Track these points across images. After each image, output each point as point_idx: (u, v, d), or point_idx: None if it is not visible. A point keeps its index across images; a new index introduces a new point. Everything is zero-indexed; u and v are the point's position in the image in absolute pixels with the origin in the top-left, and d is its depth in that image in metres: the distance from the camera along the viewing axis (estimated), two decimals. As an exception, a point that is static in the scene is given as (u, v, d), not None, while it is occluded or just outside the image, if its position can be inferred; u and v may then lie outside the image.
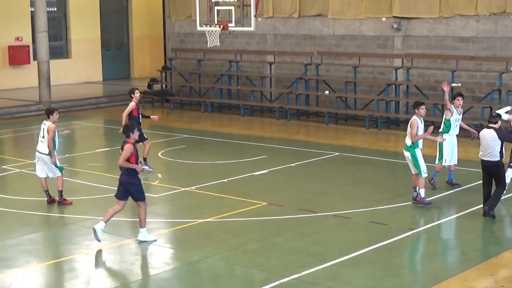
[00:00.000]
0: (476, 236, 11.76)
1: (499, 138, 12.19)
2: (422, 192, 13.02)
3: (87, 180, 15.46)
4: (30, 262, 10.63)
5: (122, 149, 11.29)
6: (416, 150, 13.05)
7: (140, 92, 16.54)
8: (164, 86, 28.14)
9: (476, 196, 13.38)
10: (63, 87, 29.49)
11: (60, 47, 31.19)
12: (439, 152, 14.08)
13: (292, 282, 9.71)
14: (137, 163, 11.24)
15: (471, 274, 10.04)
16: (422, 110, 13.11)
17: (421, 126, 13.05)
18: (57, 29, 30.98)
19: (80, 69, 31.37)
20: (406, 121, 22.00)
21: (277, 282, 9.68)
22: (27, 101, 25.89)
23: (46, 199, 13.62)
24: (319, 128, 22.21)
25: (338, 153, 17.95)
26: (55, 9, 30.91)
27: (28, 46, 29.26)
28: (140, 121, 16.08)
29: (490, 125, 12.40)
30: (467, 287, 9.59)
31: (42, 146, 13.54)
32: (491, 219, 12.23)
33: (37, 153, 13.65)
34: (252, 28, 21.51)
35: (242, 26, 21.35)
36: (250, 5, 20.67)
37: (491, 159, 12.20)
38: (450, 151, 14.05)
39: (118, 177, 11.37)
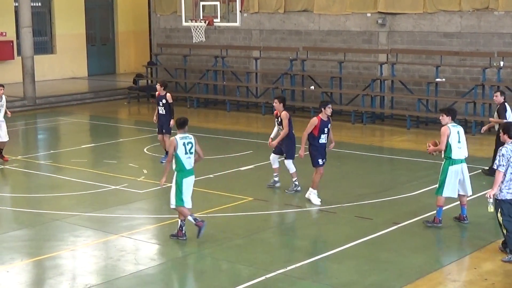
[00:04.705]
0: (459, 230, 11.84)
1: None
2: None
3: (72, 176, 15.41)
4: (14, 259, 10.59)
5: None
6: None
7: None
8: (149, 81, 28.07)
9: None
10: (48, 82, 29.36)
11: (44, 43, 31.03)
12: None
13: (278, 277, 9.74)
14: (319, 136, 12.89)
15: (455, 267, 10.13)
16: None
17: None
18: (42, 24, 30.81)
19: (65, 64, 31.22)
20: (391, 116, 22.20)
21: (263, 277, 9.71)
22: (11, 96, 25.68)
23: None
24: (305, 123, 22.04)
25: (323, 148, 17.98)
26: (39, 4, 30.73)
27: (12, 42, 29.08)
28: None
29: None
30: (451, 281, 9.66)
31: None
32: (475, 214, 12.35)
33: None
34: (237, 24, 21.50)
35: (228, 21, 21.33)
36: (235, 1, 20.66)
37: None
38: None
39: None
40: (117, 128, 22.26)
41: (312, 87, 23.55)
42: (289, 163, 13.97)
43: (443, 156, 11.64)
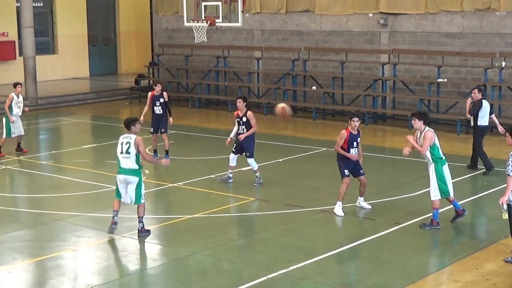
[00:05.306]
0: (461, 230, 11.83)
1: None
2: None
3: (73, 176, 15.42)
4: (16, 259, 10.59)
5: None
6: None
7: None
8: (151, 82, 28.08)
9: (461, 191, 13.46)
10: (50, 83, 29.38)
11: (46, 43, 31.05)
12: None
13: (280, 277, 9.74)
14: (348, 150, 12.40)
15: (457, 268, 10.11)
16: None
17: None
18: (43, 25, 30.83)
19: (66, 65, 31.25)
20: (393, 117, 22.20)
21: (265, 277, 9.71)
22: (13, 97, 25.72)
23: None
24: (307, 123, 22.24)
25: (325, 149, 17.99)
26: (41, 4, 30.76)
27: (14, 42, 29.10)
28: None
29: None
30: (453, 281, 9.66)
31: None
32: (477, 215, 12.34)
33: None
34: (239, 24, 21.52)
35: (230, 21, 21.34)
36: (237, 1, 20.67)
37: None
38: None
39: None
40: (118, 129, 22.19)
41: (314, 88, 23.56)
42: (252, 161, 14.40)
43: (431, 160, 11.62)
